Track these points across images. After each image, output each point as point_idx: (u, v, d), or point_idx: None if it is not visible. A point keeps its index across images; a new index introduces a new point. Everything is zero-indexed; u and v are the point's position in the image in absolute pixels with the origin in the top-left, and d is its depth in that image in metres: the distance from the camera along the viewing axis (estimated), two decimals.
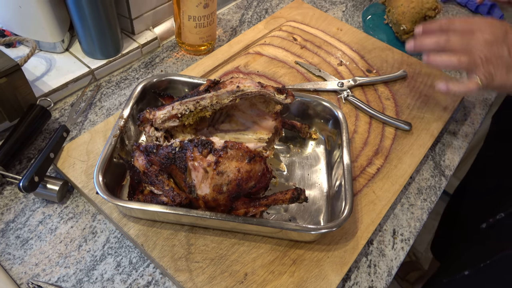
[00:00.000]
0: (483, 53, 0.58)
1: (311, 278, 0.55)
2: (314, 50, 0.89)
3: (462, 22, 0.61)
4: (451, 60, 0.60)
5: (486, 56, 0.58)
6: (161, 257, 0.55)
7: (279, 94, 0.61)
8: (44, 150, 0.60)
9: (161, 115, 0.58)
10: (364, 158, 0.70)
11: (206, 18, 0.80)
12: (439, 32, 0.63)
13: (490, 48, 0.58)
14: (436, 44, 0.62)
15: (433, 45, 0.62)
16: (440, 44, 0.61)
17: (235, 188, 0.51)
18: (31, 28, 0.75)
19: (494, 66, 0.58)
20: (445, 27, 0.62)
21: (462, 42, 0.60)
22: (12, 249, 0.56)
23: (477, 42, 0.58)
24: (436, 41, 0.62)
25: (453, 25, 0.62)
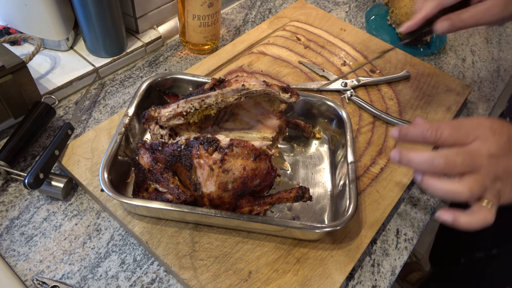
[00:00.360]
0: (492, 172, 0.44)
1: (315, 277, 0.55)
2: (318, 50, 0.89)
3: (453, 129, 0.46)
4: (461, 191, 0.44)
5: (495, 174, 0.44)
6: (165, 254, 0.55)
7: (283, 93, 0.61)
8: (49, 147, 0.61)
9: (166, 113, 0.59)
10: (368, 157, 0.70)
11: (210, 17, 0.80)
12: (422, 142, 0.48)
13: (497, 162, 0.44)
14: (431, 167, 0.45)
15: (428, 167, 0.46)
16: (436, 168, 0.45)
17: (240, 186, 0.51)
18: (36, 26, 0.76)
19: (504, 182, 0.45)
20: (430, 138, 0.47)
21: (465, 160, 0.44)
22: (17, 246, 0.56)
23: (482, 158, 0.44)
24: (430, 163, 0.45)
25: (442, 135, 0.46)
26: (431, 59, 0.96)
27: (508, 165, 0.45)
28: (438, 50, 0.98)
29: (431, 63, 0.94)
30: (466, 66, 0.96)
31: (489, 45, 1.03)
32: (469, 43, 1.02)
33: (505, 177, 0.45)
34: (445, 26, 0.58)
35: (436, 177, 0.45)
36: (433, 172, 0.46)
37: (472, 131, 0.45)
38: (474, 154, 0.44)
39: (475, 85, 0.91)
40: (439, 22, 0.58)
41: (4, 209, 0.60)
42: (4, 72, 0.61)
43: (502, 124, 0.47)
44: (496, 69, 0.96)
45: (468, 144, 0.45)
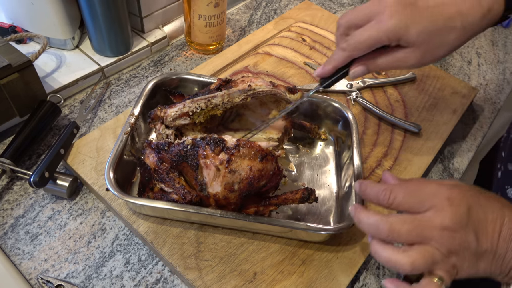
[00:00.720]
0: (444, 245, 0.41)
1: (320, 279, 0.55)
2: (323, 51, 0.89)
3: (408, 194, 0.44)
4: (401, 263, 0.41)
5: (447, 248, 0.41)
6: (170, 254, 0.55)
7: (290, 94, 0.61)
8: (55, 146, 0.61)
9: (172, 112, 0.59)
10: (373, 159, 0.70)
11: (216, 17, 0.80)
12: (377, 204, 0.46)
13: (452, 236, 0.41)
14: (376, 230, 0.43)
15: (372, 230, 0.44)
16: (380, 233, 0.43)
17: (246, 186, 0.51)
18: (42, 25, 0.76)
19: (460, 257, 0.41)
20: (383, 201, 0.45)
21: (411, 230, 0.41)
22: (22, 244, 0.56)
23: (433, 230, 0.41)
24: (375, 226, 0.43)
25: (395, 200, 0.44)
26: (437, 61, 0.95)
27: (465, 240, 0.41)
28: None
29: (437, 65, 0.94)
30: (472, 68, 0.95)
31: (494, 48, 1.02)
32: (475, 46, 1.02)
33: (461, 251, 0.41)
34: (360, 71, 0.54)
35: (382, 243, 0.43)
36: (379, 239, 0.43)
37: (427, 199, 0.42)
38: (424, 224, 0.41)
39: (481, 88, 0.91)
40: (354, 67, 0.54)
41: (9, 207, 0.60)
42: (10, 71, 0.61)
43: (462, 193, 0.43)
44: (502, 71, 0.96)
45: (422, 212, 0.42)
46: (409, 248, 0.42)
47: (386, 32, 0.49)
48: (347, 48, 0.53)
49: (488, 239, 0.41)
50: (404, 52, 0.51)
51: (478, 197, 0.43)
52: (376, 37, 0.50)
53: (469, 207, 0.42)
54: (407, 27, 0.49)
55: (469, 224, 0.41)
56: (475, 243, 0.41)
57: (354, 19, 0.53)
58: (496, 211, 0.42)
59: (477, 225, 0.41)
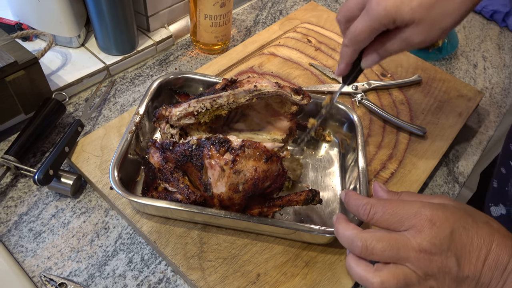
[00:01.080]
0: (421, 269, 0.39)
1: (323, 281, 0.54)
2: (329, 52, 0.89)
3: (387, 211, 0.42)
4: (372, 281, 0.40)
5: (424, 271, 0.39)
6: (173, 254, 0.54)
7: (295, 95, 0.61)
8: (59, 143, 0.61)
9: (177, 112, 0.58)
10: (378, 162, 0.69)
11: (222, 17, 0.80)
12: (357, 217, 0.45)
13: (429, 259, 0.39)
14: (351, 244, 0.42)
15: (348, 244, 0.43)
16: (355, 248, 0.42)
17: (251, 187, 0.51)
18: (48, 22, 0.76)
19: (439, 281, 0.39)
20: (363, 216, 0.44)
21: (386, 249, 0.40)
22: (25, 242, 0.56)
23: (410, 251, 0.39)
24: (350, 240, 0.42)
25: (375, 216, 0.43)
26: (442, 64, 0.95)
27: (445, 264, 0.39)
28: (450, 55, 0.97)
29: (443, 68, 0.94)
30: (477, 72, 0.95)
31: (501, 51, 1.02)
32: (481, 49, 1.02)
33: (441, 276, 0.39)
34: (371, 60, 0.53)
35: (357, 258, 0.42)
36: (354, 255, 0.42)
37: (407, 219, 0.41)
38: (400, 244, 0.40)
39: (487, 91, 0.90)
40: (364, 58, 0.54)
41: (13, 204, 0.60)
42: (16, 68, 0.61)
43: (447, 215, 0.40)
44: (508, 75, 0.95)
45: (401, 231, 0.41)
46: (383, 266, 0.40)
47: (378, 19, 0.47)
48: (349, 44, 0.52)
49: (471, 266, 0.39)
50: (407, 31, 0.48)
51: (465, 220, 0.40)
52: (370, 27, 0.49)
53: (453, 231, 0.39)
54: (397, 8, 0.46)
55: (451, 248, 0.39)
56: (456, 268, 0.39)
57: (348, 12, 0.52)
58: (484, 236, 0.40)
59: (459, 250, 0.39)
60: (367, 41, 0.51)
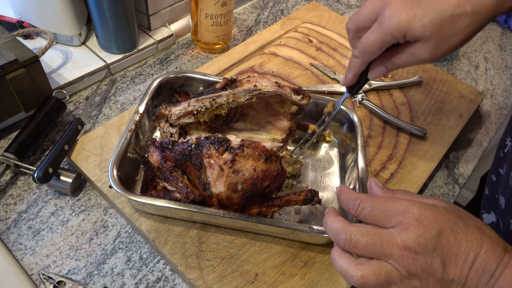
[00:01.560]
0: (404, 267, 0.39)
1: (322, 281, 0.54)
2: (330, 52, 0.89)
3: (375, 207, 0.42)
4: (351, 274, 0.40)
5: (407, 269, 0.39)
6: (172, 253, 0.54)
7: (295, 95, 0.60)
8: (59, 142, 0.61)
9: (176, 111, 0.58)
10: (378, 162, 0.69)
11: (223, 16, 0.80)
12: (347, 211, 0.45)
13: (413, 257, 0.38)
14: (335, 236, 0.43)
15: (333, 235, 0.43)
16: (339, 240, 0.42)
17: (250, 187, 0.51)
18: (49, 21, 0.76)
19: (423, 282, 0.39)
20: (351, 211, 0.44)
21: (369, 244, 0.40)
22: (24, 240, 0.56)
23: (393, 248, 0.39)
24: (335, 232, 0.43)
25: (363, 211, 0.43)
26: (444, 65, 0.95)
27: (429, 265, 0.38)
28: (451, 56, 0.97)
29: (444, 69, 0.93)
30: (479, 73, 0.95)
31: (502, 53, 1.02)
32: (483, 50, 1.01)
33: (425, 276, 0.38)
34: (378, 72, 0.55)
35: (341, 250, 0.42)
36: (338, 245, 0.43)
37: (394, 216, 0.40)
38: (384, 240, 0.39)
39: (488, 93, 0.90)
40: (372, 69, 0.55)
41: (12, 202, 0.60)
42: (17, 66, 0.61)
43: (435, 216, 0.40)
44: (509, 77, 0.95)
45: (387, 228, 0.40)
46: (365, 261, 0.40)
47: (390, 32, 0.48)
48: (359, 55, 0.53)
49: (457, 269, 0.38)
50: (415, 47, 0.49)
51: (454, 223, 0.40)
52: (381, 39, 0.50)
53: (440, 232, 0.39)
54: (410, 23, 0.47)
55: (437, 249, 0.38)
56: (441, 270, 0.38)
57: (360, 21, 0.53)
58: (473, 240, 0.39)
59: (446, 252, 0.38)
60: (377, 53, 0.52)
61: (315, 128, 0.66)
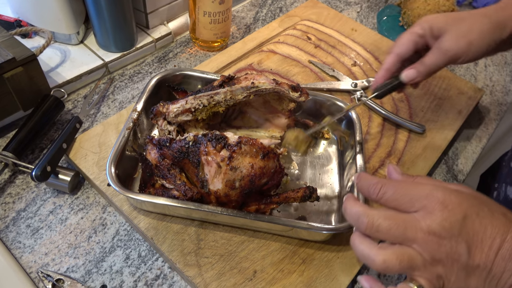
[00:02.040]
0: (427, 251, 0.38)
1: (320, 278, 0.54)
2: (328, 49, 0.89)
3: (398, 191, 0.41)
4: (373, 259, 0.39)
5: (431, 254, 0.38)
6: (170, 251, 0.54)
7: (293, 92, 0.60)
8: (57, 140, 0.61)
9: (174, 108, 0.58)
10: (377, 159, 0.69)
11: (221, 14, 0.80)
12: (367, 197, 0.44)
13: (438, 242, 0.37)
14: (356, 221, 0.41)
15: (353, 220, 0.42)
16: (360, 224, 0.41)
17: (247, 184, 0.51)
18: (47, 19, 0.76)
19: (447, 268, 0.38)
20: (372, 195, 0.43)
21: (392, 228, 0.39)
22: (23, 238, 0.57)
23: (417, 232, 0.38)
24: (356, 217, 0.41)
25: (384, 195, 0.42)
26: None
27: (454, 250, 0.37)
28: None
29: None
30: (478, 69, 0.94)
31: None
32: None
33: (449, 262, 0.37)
34: (410, 74, 0.60)
35: (362, 235, 0.41)
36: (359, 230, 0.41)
37: (418, 200, 0.39)
38: (408, 225, 0.38)
39: (487, 89, 0.90)
40: (405, 71, 0.60)
41: (11, 201, 0.60)
42: (14, 64, 0.61)
43: (461, 200, 0.39)
44: (509, 73, 0.95)
45: (410, 213, 0.39)
46: (387, 246, 0.39)
47: (418, 24, 0.60)
48: (391, 50, 0.61)
49: (482, 254, 0.37)
50: (440, 40, 0.58)
51: (479, 207, 0.39)
52: (410, 32, 0.60)
53: (465, 216, 0.38)
54: (435, 17, 0.59)
55: (462, 234, 0.37)
56: (466, 256, 0.37)
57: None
58: (499, 226, 0.37)
59: (471, 237, 0.37)
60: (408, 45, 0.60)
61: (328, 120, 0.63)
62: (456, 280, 0.38)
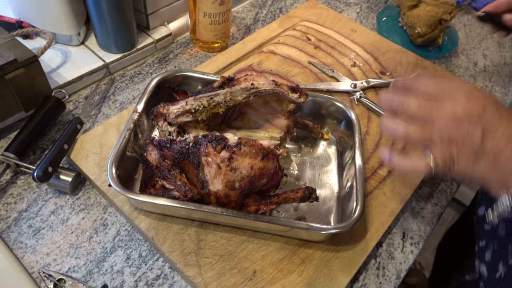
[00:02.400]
0: (447, 130, 0.43)
1: (319, 278, 0.55)
2: (328, 50, 0.89)
3: (432, 83, 0.46)
4: (398, 127, 0.45)
5: (449, 134, 0.43)
6: (171, 251, 0.55)
7: (292, 93, 0.61)
8: (58, 141, 0.61)
9: (174, 110, 0.59)
10: (376, 160, 0.70)
11: (221, 15, 0.80)
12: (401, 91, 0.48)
13: (457, 125, 0.43)
14: (389, 103, 0.47)
15: (386, 102, 0.48)
16: (392, 105, 0.47)
17: (247, 184, 0.51)
18: (48, 20, 0.76)
19: (459, 149, 0.43)
20: (408, 84, 0.48)
21: (420, 109, 0.45)
22: (24, 238, 0.57)
23: (442, 113, 0.44)
24: (389, 99, 0.47)
25: (419, 84, 0.47)
26: (442, 62, 0.95)
27: (470, 134, 0.42)
28: (450, 53, 0.97)
29: (442, 66, 0.94)
30: (477, 70, 0.95)
31: (501, 50, 1.02)
32: (481, 47, 1.01)
33: (463, 144, 0.43)
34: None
35: (390, 116, 0.47)
36: (389, 112, 0.48)
37: (448, 93, 0.45)
38: (434, 108, 0.44)
39: (487, 90, 0.90)
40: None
41: (13, 201, 0.61)
42: (16, 66, 0.61)
43: (484, 95, 0.45)
44: (508, 74, 0.95)
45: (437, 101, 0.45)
46: (412, 122, 0.45)
47: None
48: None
49: (494, 142, 0.42)
50: None
51: (498, 106, 0.44)
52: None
53: (486, 107, 0.43)
54: None
55: (480, 121, 0.42)
56: (479, 140, 0.42)
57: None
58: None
59: (487, 125, 0.42)
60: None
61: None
62: (465, 162, 0.43)
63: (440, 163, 0.44)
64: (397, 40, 0.95)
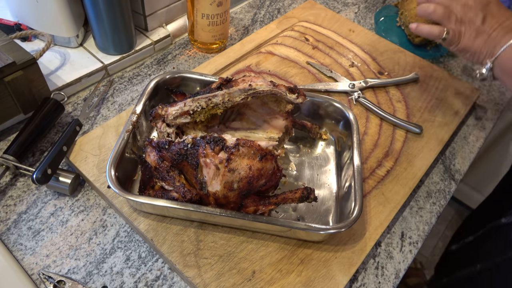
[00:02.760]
0: (459, 14, 0.65)
1: (318, 278, 0.55)
2: (326, 51, 0.89)
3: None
4: (428, 6, 0.68)
5: (461, 17, 0.65)
6: (170, 252, 0.55)
7: (290, 94, 0.61)
8: (57, 143, 0.61)
9: (173, 111, 0.59)
10: (374, 160, 0.70)
11: (219, 16, 0.80)
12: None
13: (467, 11, 0.65)
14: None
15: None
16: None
17: (246, 185, 0.51)
18: (46, 23, 0.76)
19: (466, 28, 0.65)
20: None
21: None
22: (24, 240, 0.57)
23: (458, 3, 0.66)
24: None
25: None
26: (440, 61, 0.95)
27: (474, 17, 0.65)
28: (448, 53, 0.97)
29: (440, 65, 0.94)
30: (475, 69, 0.95)
31: None
32: None
33: (468, 25, 0.65)
34: None
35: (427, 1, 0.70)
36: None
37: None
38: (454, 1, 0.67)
39: (484, 89, 0.90)
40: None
41: (12, 203, 0.61)
42: (14, 68, 0.61)
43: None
44: None
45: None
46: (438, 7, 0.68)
47: None
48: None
49: (490, 24, 0.64)
50: None
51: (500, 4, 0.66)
52: None
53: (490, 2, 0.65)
54: None
55: (483, 10, 0.64)
56: (480, 22, 0.64)
57: None
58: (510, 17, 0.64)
59: (488, 13, 0.64)
60: None
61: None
62: (468, 37, 0.66)
63: (451, 35, 0.67)
64: (395, 40, 0.95)
